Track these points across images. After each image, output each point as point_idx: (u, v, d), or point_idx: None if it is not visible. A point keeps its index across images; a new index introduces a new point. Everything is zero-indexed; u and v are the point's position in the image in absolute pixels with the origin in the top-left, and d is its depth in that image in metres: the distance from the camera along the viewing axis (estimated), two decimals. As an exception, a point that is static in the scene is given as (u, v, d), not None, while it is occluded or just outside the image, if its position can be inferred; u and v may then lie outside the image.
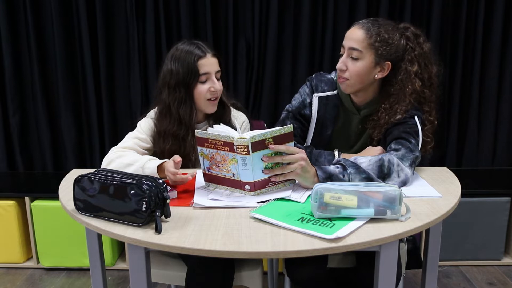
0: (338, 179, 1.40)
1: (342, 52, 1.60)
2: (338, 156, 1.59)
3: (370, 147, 1.62)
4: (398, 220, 1.25)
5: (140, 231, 1.21)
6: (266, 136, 1.36)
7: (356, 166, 1.42)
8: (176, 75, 1.66)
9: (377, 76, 1.59)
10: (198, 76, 1.67)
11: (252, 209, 1.32)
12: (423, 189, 1.48)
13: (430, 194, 1.44)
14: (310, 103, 1.71)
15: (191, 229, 1.22)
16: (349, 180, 1.40)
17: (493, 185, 2.57)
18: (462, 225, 2.48)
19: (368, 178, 1.41)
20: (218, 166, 1.45)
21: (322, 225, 1.21)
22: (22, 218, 2.56)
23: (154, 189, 1.22)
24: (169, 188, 1.40)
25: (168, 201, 1.24)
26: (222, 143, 1.39)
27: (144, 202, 1.21)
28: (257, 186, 1.41)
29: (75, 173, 1.72)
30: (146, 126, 1.74)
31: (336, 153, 1.61)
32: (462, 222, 2.47)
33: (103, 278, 1.57)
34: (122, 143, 1.67)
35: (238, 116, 1.86)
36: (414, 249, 1.76)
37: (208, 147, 1.44)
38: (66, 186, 1.55)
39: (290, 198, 1.39)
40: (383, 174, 1.44)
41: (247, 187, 1.42)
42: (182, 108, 1.68)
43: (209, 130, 1.44)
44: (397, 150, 1.50)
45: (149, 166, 1.49)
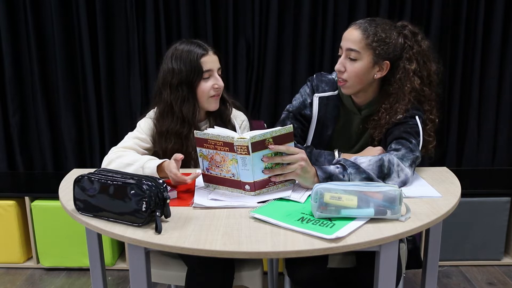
0: (338, 179, 1.40)
1: (340, 53, 1.60)
2: (338, 156, 1.59)
3: (370, 147, 1.62)
4: (398, 220, 1.25)
5: (140, 231, 1.21)
6: (266, 136, 1.36)
7: (356, 166, 1.42)
8: (178, 74, 1.66)
9: (376, 76, 1.58)
10: (201, 73, 1.67)
11: (252, 209, 1.32)
12: (423, 189, 1.48)
13: (430, 194, 1.44)
14: (311, 103, 1.71)
15: (191, 229, 1.22)
16: (349, 180, 1.39)
17: (493, 185, 2.57)
18: (462, 225, 2.48)
19: (368, 178, 1.41)
20: (218, 167, 1.45)
21: (322, 225, 1.21)
22: (22, 218, 2.56)
23: (154, 189, 1.22)
24: (169, 188, 1.40)
25: (168, 201, 1.24)
26: (221, 144, 1.39)
27: (144, 202, 1.21)
28: (257, 186, 1.41)
29: (75, 173, 1.72)
30: (146, 126, 1.74)
31: (336, 153, 1.61)
32: (462, 222, 2.47)
33: (103, 278, 1.57)
34: (122, 143, 1.67)
35: (238, 115, 1.86)
36: (414, 249, 1.76)
37: (207, 148, 1.44)
38: (66, 186, 1.55)
39: (290, 198, 1.39)
40: (383, 174, 1.44)
41: (247, 187, 1.42)
42: (185, 106, 1.68)
43: (208, 131, 1.44)
44: (397, 150, 1.50)
45: (149, 166, 1.49)
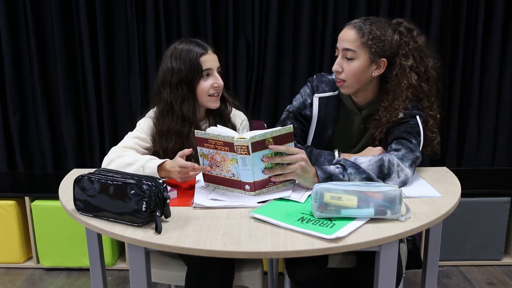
0: (338, 179, 1.40)
1: (337, 54, 1.60)
2: (338, 156, 1.59)
3: (370, 147, 1.62)
4: (398, 220, 1.25)
5: (140, 231, 1.21)
6: (266, 136, 1.36)
7: (356, 166, 1.42)
8: (178, 73, 1.66)
9: (374, 74, 1.58)
10: (201, 72, 1.67)
11: (252, 209, 1.32)
12: (423, 189, 1.48)
13: (430, 194, 1.44)
14: (311, 104, 1.71)
15: (191, 229, 1.22)
16: (349, 180, 1.39)
17: (493, 185, 2.57)
18: (462, 225, 2.48)
19: (368, 178, 1.41)
20: (218, 166, 1.45)
21: (322, 225, 1.21)
22: (22, 218, 2.56)
23: (154, 189, 1.22)
24: (169, 188, 1.40)
25: (168, 201, 1.24)
26: (222, 143, 1.39)
27: (144, 202, 1.21)
28: (257, 186, 1.41)
29: (75, 173, 1.72)
30: (145, 125, 1.74)
31: (336, 153, 1.61)
32: (462, 222, 2.47)
33: (103, 278, 1.57)
34: (122, 143, 1.67)
35: (237, 115, 1.86)
36: (414, 249, 1.76)
37: (208, 147, 1.44)
38: (66, 186, 1.55)
39: (290, 198, 1.39)
40: (383, 174, 1.44)
41: (247, 187, 1.42)
42: (185, 105, 1.68)
43: (208, 130, 1.44)
44: (397, 150, 1.50)
45: (149, 165, 1.49)
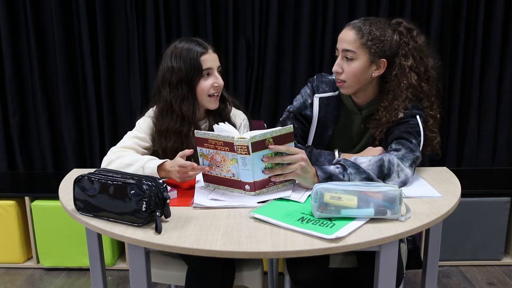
0: (338, 179, 1.40)
1: (337, 54, 1.61)
2: (338, 156, 1.59)
3: (370, 147, 1.62)
4: (398, 220, 1.25)
5: (140, 231, 1.21)
6: (266, 136, 1.36)
7: (356, 166, 1.42)
8: (178, 72, 1.65)
9: (374, 74, 1.58)
10: (201, 72, 1.66)
11: (252, 209, 1.32)
12: (423, 189, 1.48)
13: (430, 194, 1.44)
14: (311, 104, 1.71)
15: (191, 229, 1.22)
16: (349, 180, 1.39)
17: (493, 185, 2.57)
18: (462, 225, 2.48)
19: (368, 178, 1.41)
20: (218, 166, 1.45)
21: (322, 225, 1.21)
22: (22, 218, 2.56)
23: (154, 189, 1.22)
24: (169, 188, 1.40)
25: (168, 201, 1.24)
26: (222, 143, 1.39)
27: (144, 202, 1.21)
28: (257, 186, 1.41)
29: (75, 173, 1.72)
30: (145, 125, 1.74)
31: (336, 153, 1.61)
32: (462, 222, 2.47)
33: (103, 278, 1.57)
34: (122, 143, 1.67)
35: (237, 114, 1.86)
36: (414, 249, 1.76)
37: (207, 148, 1.44)
38: (66, 186, 1.55)
39: (290, 198, 1.39)
40: (383, 174, 1.44)
41: (247, 187, 1.42)
42: (184, 104, 1.67)
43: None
44: (397, 150, 1.50)
45: (149, 166, 1.49)
